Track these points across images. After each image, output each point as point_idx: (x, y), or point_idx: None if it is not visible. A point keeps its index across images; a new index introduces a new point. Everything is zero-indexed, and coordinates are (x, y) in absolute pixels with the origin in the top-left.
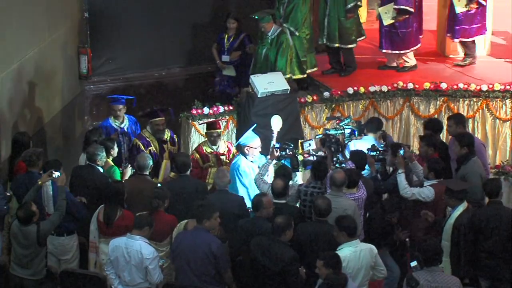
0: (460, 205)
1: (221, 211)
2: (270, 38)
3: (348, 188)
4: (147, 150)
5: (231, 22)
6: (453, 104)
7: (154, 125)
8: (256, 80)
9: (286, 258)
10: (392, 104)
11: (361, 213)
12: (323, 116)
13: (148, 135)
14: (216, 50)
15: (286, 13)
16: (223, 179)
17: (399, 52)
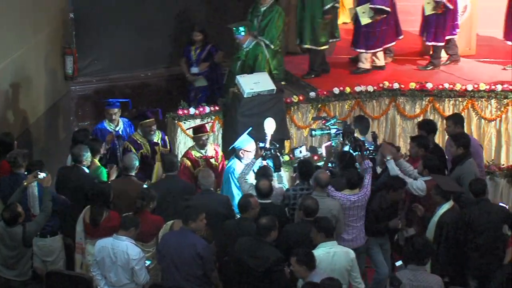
0: (445, 203)
1: (206, 211)
2: (245, 50)
3: (350, 189)
4: (139, 153)
5: (197, 34)
6: (438, 104)
7: (145, 127)
8: (242, 80)
9: (272, 259)
10: (378, 104)
11: (363, 214)
12: (309, 116)
13: (139, 138)
14: (185, 63)
15: (261, 27)
16: (208, 179)
17: (373, 51)
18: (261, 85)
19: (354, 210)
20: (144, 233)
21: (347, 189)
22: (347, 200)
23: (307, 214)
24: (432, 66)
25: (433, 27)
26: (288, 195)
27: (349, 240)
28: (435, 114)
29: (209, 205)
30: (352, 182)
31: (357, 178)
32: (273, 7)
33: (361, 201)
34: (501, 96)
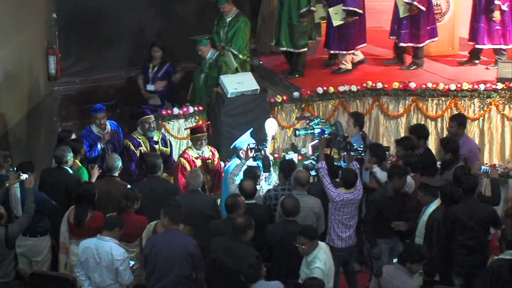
0: (433, 201)
1: (192, 211)
2: (208, 62)
3: (346, 188)
4: (138, 150)
5: (156, 50)
6: (422, 104)
7: (144, 123)
8: (226, 80)
9: (247, 257)
10: (361, 104)
11: (355, 212)
12: (293, 116)
13: (139, 135)
14: (142, 80)
15: (228, 37)
16: (196, 179)
17: (346, 52)
18: (245, 85)
19: (349, 207)
20: (128, 234)
21: (342, 188)
22: (344, 197)
23: (287, 213)
24: (415, 66)
25: (407, 28)
26: (269, 196)
27: (346, 238)
28: (418, 114)
29: (194, 205)
30: (350, 182)
31: (354, 178)
32: (239, 17)
33: (355, 199)
34: (484, 95)
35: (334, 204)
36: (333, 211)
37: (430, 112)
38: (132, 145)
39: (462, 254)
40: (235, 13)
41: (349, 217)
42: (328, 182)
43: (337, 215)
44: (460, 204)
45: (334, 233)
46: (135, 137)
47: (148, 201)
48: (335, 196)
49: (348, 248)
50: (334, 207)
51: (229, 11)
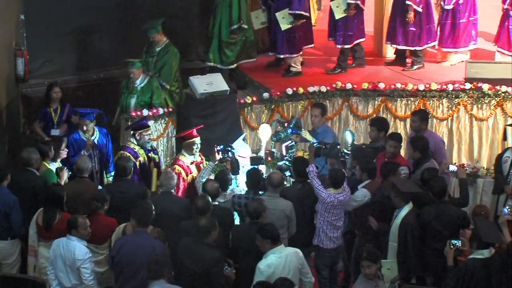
0: (405, 206)
1: (164, 212)
2: (139, 86)
3: (335, 188)
4: (137, 161)
5: (57, 91)
6: (391, 104)
7: (145, 135)
8: (195, 81)
9: (209, 259)
10: (331, 104)
11: (343, 214)
12: (263, 117)
13: (134, 146)
14: (40, 127)
15: (157, 67)
16: (170, 181)
17: (297, 55)
18: (215, 86)
19: (338, 208)
20: (97, 235)
21: (331, 188)
22: (335, 198)
23: (251, 215)
24: (340, 70)
25: (342, 30)
26: (233, 201)
27: (334, 239)
28: (387, 114)
29: (166, 207)
30: (338, 181)
31: (342, 177)
32: (168, 48)
33: (344, 200)
34: (452, 95)
35: (325, 205)
36: (323, 212)
37: (399, 112)
38: (132, 156)
39: (433, 256)
40: (165, 44)
41: (338, 218)
42: (318, 183)
43: (326, 216)
44: (430, 207)
45: (324, 234)
46: (132, 148)
47: (118, 204)
48: (326, 197)
49: (337, 249)
50: (324, 208)
51: (159, 41)
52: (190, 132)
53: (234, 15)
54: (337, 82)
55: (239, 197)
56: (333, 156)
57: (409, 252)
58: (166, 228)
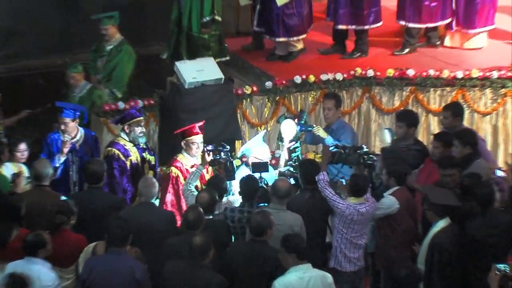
0: (439, 221)
1: (143, 228)
2: (78, 96)
3: (356, 197)
4: (128, 160)
5: None
6: (422, 95)
7: (135, 127)
8: (182, 67)
9: (213, 285)
10: (348, 96)
11: (366, 230)
12: (265, 111)
13: (125, 142)
14: None
15: (107, 69)
16: (151, 188)
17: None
18: (206, 73)
19: (359, 224)
20: (62, 256)
21: (352, 197)
22: (355, 210)
23: (255, 232)
24: (359, 53)
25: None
26: (224, 216)
27: (355, 260)
28: (418, 108)
29: (146, 221)
30: (359, 188)
31: (365, 183)
32: (122, 46)
33: (368, 213)
34: (497, 85)
35: (343, 220)
36: (341, 228)
37: (432, 105)
38: (121, 154)
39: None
40: (119, 41)
41: (359, 235)
42: (332, 193)
43: (345, 232)
44: (474, 221)
45: (342, 255)
46: (122, 145)
47: (88, 217)
48: (344, 209)
49: (358, 272)
50: (342, 223)
51: (112, 36)
52: (191, 128)
53: (206, 5)
54: (356, 68)
55: (232, 210)
56: (353, 163)
57: (433, 280)
58: (146, 247)
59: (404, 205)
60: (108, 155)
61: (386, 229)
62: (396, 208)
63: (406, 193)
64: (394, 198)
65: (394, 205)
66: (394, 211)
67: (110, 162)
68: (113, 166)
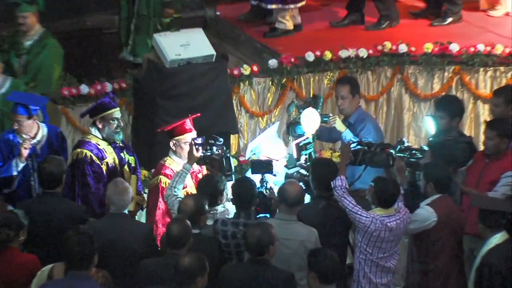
0: (493, 235)
1: (113, 245)
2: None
3: (383, 208)
4: (104, 164)
5: None
6: (469, 76)
7: (109, 121)
8: (162, 41)
9: None
10: (375, 78)
11: (397, 249)
12: (269, 97)
13: (98, 141)
14: None
15: (29, 71)
16: (123, 195)
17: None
18: (193, 49)
19: (388, 242)
20: (10, 282)
21: (378, 209)
22: (382, 225)
23: (255, 252)
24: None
25: None
26: (216, 230)
27: (383, 285)
28: (463, 92)
29: (116, 237)
30: (387, 196)
31: (394, 190)
32: (45, 40)
33: (399, 228)
34: None
35: (367, 236)
36: (364, 247)
37: (481, 90)
38: (94, 157)
39: None
40: (40, 34)
41: (388, 256)
42: (352, 203)
43: (369, 252)
44: None
45: (366, 280)
46: (95, 144)
47: (42, 232)
48: (368, 223)
49: None
50: (367, 240)
51: (31, 26)
52: (181, 124)
53: None
54: (385, 42)
55: (224, 223)
56: (380, 164)
57: None
58: (117, 271)
59: (444, 219)
60: (78, 158)
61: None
62: (433, 222)
63: (449, 204)
64: (431, 209)
65: (430, 218)
66: (430, 225)
67: (82, 168)
68: (86, 172)
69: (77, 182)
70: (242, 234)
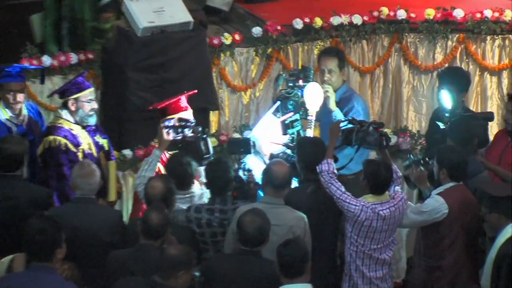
0: (508, 225)
1: (78, 233)
2: None
3: (374, 194)
4: (80, 151)
5: None
6: (475, 46)
7: (83, 103)
8: (134, 6)
9: None
10: (370, 47)
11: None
12: (252, 69)
13: (71, 126)
14: None
15: None
16: (89, 178)
17: None
18: (168, 15)
19: (381, 232)
20: None
21: (368, 195)
22: (373, 213)
23: (244, 241)
24: None
25: None
26: (189, 218)
27: (377, 281)
28: (469, 63)
29: (82, 224)
30: (379, 182)
31: (387, 174)
32: None
33: (394, 217)
34: None
35: (358, 226)
36: (355, 237)
37: (489, 61)
38: (69, 143)
39: None
40: None
41: (382, 247)
42: (340, 190)
43: (361, 243)
44: None
45: (358, 273)
46: (68, 129)
47: (1, 218)
48: (358, 212)
49: None
50: (357, 230)
51: None
52: (175, 101)
53: None
54: (382, 8)
55: (198, 209)
56: (373, 144)
57: None
58: (84, 262)
59: (456, 211)
60: (51, 147)
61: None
62: (443, 214)
63: (464, 194)
64: (442, 200)
65: (440, 210)
66: (440, 218)
67: (56, 158)
68: (61, 162)
69: (52, 174)
70: (218, 222)
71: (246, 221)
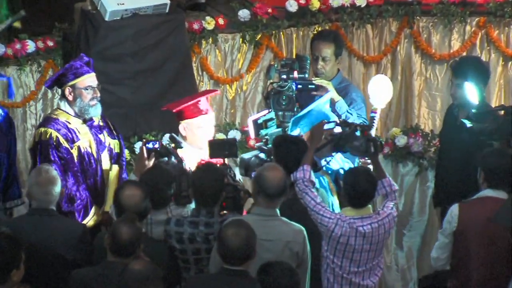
0: None
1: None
2: None
3: (354, 207)
4: (74, 148)
5: None
6: (497, 31)
7: (83, 92)
8: None
9: None
10: (376, 33)
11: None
12: (239, 59)
13: (69, 118)
14: None
15: None
16: (48, 187)
17: None
18: None
19: (362, 253)
20: None
21: (348, 208)
22: (350, 230)
23: (227, 257)
24: None
25: None
26: (168, 232)
27: None
28: (490, 51)
29: (39, 239)
30: (359, 192)
31: (367, 186)
32: None
33: (377, 234)
34: None
35: (333, 243)
36: (331, 257)
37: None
38: (62, 138)
39: None
40: None
41: (365, 271)
42: (315, 200)
43: (339, 266)
44: None
45: None
46: (63, 122)
47: None
48: (332, 226)
49: None
50: (333, 249)
51: None
52: (194, 104)
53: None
54: None
55: (179, 222)
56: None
57: None
58: (41, 282)
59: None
60: (42, 140)
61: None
62: (452, 228)
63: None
64: (457, 211)
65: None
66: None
67: (45, 152)
68: (50, 158)
69: None
70: (203, 237)
71: (229, 234)
